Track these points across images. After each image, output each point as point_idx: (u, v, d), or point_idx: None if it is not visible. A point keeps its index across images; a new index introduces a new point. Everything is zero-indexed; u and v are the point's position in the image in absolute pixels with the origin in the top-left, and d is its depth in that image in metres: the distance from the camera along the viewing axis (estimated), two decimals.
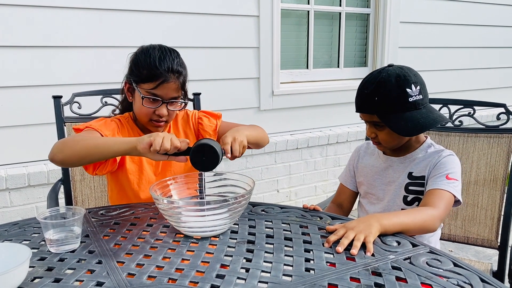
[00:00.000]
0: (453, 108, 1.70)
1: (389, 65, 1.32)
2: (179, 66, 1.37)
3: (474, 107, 1.66)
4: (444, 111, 1.68)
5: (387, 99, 1.25)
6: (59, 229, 1.02)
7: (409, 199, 1.37)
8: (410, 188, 1.37)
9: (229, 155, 1.18)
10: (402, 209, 1.38)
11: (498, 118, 1.60)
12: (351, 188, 1.55)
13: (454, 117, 1.68)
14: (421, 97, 1.28)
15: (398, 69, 1.29)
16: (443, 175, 1.27)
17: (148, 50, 1.38)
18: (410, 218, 1.15)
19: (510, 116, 1.58)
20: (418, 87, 1.27)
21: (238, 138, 1.22)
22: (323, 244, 1.03)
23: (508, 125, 1.59)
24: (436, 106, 1.71)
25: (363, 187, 1.50)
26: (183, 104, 1.44)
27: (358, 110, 1.35)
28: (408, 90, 1.25)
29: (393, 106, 1.26)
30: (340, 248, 1.00)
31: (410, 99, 1.25)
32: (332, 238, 1.04)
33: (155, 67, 1.33)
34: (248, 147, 1.30)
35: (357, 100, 1.34)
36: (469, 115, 1.66)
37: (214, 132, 1.52)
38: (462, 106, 1.68)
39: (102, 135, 1.32)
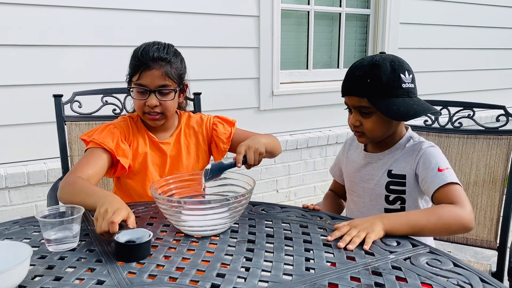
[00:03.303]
0: (452, 109, 1.70)
1: (381, 52, 1.28)
2: (163, 54, 1.37)
3: (474, 109, 1.66)
4: (444, 113, 1.69)
5: (380, 82, 1.19)
6: (57, 228, 1.02)
7: (391, 198, 1.32)
8: (391, 187, 1.31)
9: (239, 164, 1.18)
10: (385, 208, 1.33)
11: (497, 120, 1.60)
12: (339, 181, 1.53)
13: (454, 118, 1.68)
14: (413, 87, 1.23)
15: (392, 56, 1.25)
16: (434, 169, 1.20)
17: (138, 47, 1.41)
18: (421, 216, 1.10)
19: (509, 118, 1.59)
20: (411, 76, 1.23)
21: (253, 146, 1.23)
22: (323, 244, 1.04)
23: (508, 127, 1.59)
24: (436, 108, 1.72)
25: (346, 183, 1.46)
26: (175, 92, 1.40)
27: (346, 93, 1.28)
28: (402, 75, 1.21)
29: (386, 90, 1.20)
30: (342, 244, 1.01)
31: (404, 85, 1.21)
32: (337, 233, 1.05)
33: (137, 58, 1.36)
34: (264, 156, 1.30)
35: (346, 83, 1.27)
36: (468, 116, 1.67)
37: (228, 140, 1.50)
38: (462, 108, 1.68)
39: (106, 148, 1.34)
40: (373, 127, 1.26)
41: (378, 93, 1.20)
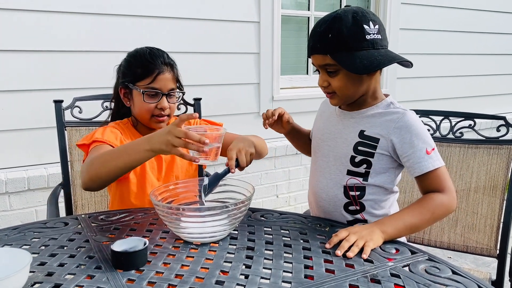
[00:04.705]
0: (453, 119, 1.71)
1: (346, 6, 1.22)
2: (169, 59, 1.44)
3: (475, 119, 1.68)
4: (445, 123, 1.70)
5: (341, 36, 1.12)
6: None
7: (357, 160, 1.24)
8: (360, 148, 1.24)
9: (233, 170, 1.19)
10: (348, 170, 1.26)
11: (498, 130, 1.62)
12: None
13: (455, 128, 1.69)
14: (380, 38, 1.15)
15: (356, 7, 1.17)
16: (422, 151, 1.16)
17: (137, 52, 1.45)
18: (416, 217, 1.12)
19: (509, 128, 1.60)
20: (377, 26, 1.15)
21: (243, 148, 1.22)
22: (322, 251, 1.04)
23: (508, 137, 1.60)
24: (437, 118, 1.72)
25: (313, 141, 1.41)
26: (181, 95, 1.49)
27: (310, 53, 1.21)
28: (365, 26, 1.13)
29: (348, 44, 1.13)
30: (339, 252, 1.01)
31: (368, 37, 1.13)
32: (335, 239, 1.06)
33: (148, 62, 1.39)
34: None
35: (309, 42, 1.21)
36: (469, 127, 1.68)
37: None
38: (463, 118, 1.69)
39: (113, 146, 1.32)
40: (342, 85, 1.19)
41: (340, 47, 1.13)
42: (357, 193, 1.26)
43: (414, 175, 1.19)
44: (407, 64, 1.17)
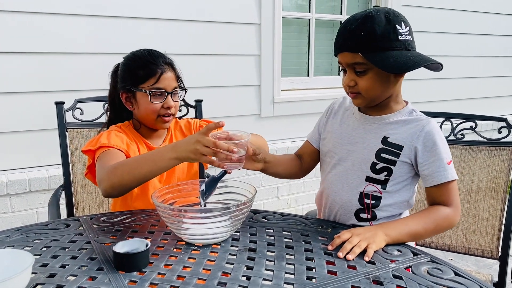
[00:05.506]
0: (455, 121, 1.71)
1: (375, 6, 1.20)
2: (169, 58, 1.46)
3: (476, 121, 1.68)
4: (446, 125, 1.69)
5: (374, 34, 1.10)
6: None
7: (378, 167, 1.21)
8: (382, 155, 1.21)
9: (230, 171, 1.19)
10: (367, 176, 1.23)
11: (499, 132, 1.62)
12: (314, 145, 1.42)
13: (456, 130, 1.69)
14: (411, 39, 1.15)
15: (387, 8, 1.16)
16: (444, 161, 1.16)
17: (135, 55, 1.45)
18: (420, 225, 1.12)
19: (511, 129, 1.59)
20: (408, 28, 1.14)
21: None
22: (324, 253, 1.04)
23: (509, 138, 1.60)
24: (438, 120, 1.72)
25: (326, 144, 1.35)
26: (183, 92, 1.51)
27: (338, 50, 1.18)
28: (398, 27, 1.11)
29: (381, 42, 1.10)
30: (341, 254, 1.01)
31: (400, 37, 1.11)
32: (337, 241, 1.05)
33: (150, 63, 1.40)
34: None
35: (339, 40, 1.17)
36: (471, 128, 1.68)
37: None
38: (465, 120, 1.69)
39: (122, 151, 1.33)
40: (369, 85, 1.16)
41: (373, 46, 1.11)
42: (372, 201, 1.24)
43: (431, 184, 1.17)
44: (437, 66, 1.16)
